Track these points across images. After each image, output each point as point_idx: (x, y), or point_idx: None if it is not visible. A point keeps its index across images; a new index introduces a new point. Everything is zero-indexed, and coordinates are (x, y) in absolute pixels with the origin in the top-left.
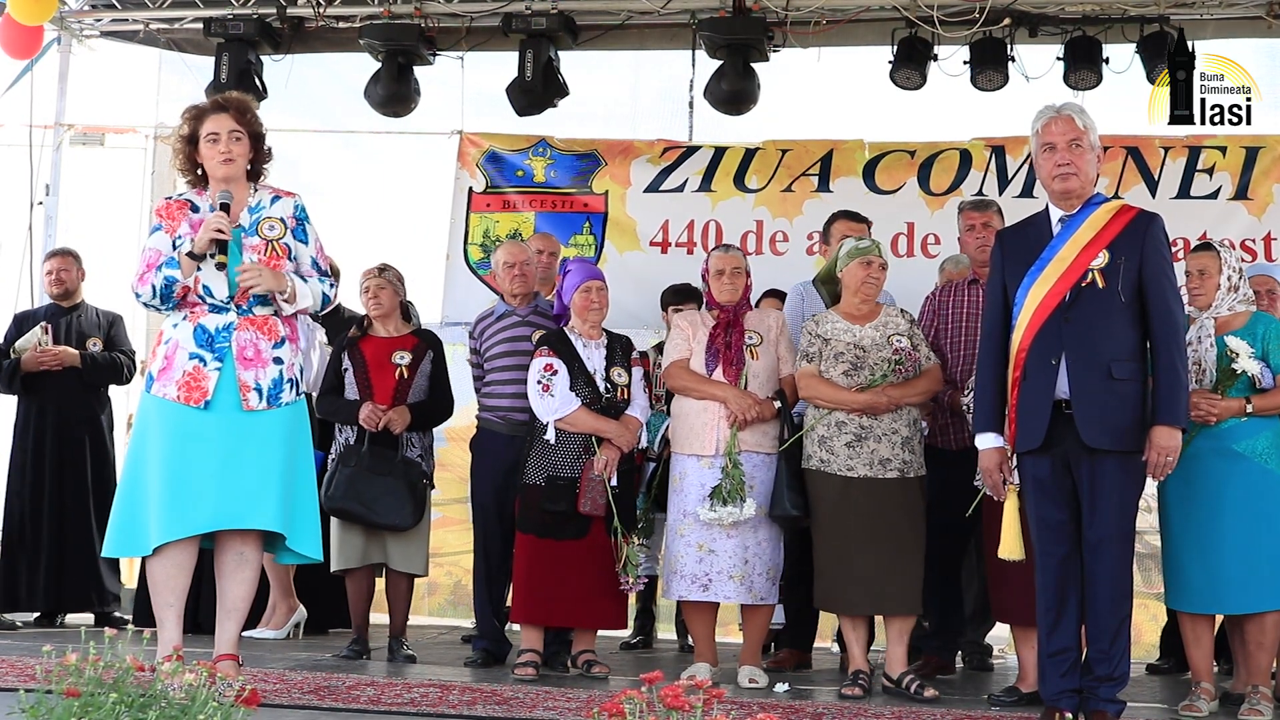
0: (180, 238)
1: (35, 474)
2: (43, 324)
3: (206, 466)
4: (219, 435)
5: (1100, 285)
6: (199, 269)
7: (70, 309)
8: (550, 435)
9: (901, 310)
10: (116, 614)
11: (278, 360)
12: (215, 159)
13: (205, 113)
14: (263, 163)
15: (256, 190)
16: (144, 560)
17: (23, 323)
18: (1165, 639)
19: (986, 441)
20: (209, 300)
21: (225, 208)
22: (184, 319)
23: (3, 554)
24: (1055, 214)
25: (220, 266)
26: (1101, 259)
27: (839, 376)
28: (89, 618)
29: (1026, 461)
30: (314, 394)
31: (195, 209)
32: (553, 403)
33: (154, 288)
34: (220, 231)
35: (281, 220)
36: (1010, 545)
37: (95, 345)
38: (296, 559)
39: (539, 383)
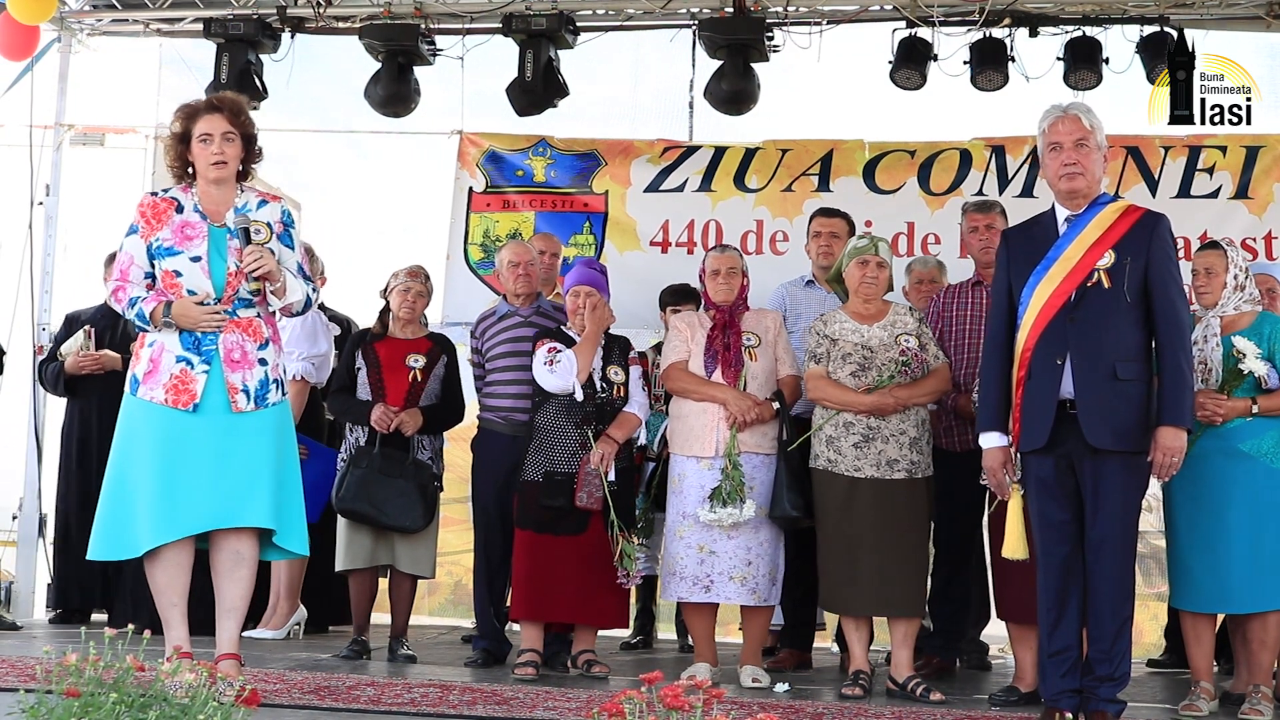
0: (157, 240)
1: (83, 476)
2: (86, 328)
3: (197, 469)
4: (208, 438)
5: (1106, 285)
6: (180, 274)
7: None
8: (578, 394)
9: (910, 308)
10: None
11: (263, 361)
12: (207, 160)
13: (198, 112)
14: (252, 163)
15: (243, 191)
16: (143, 564)
17: (72, 324)
18: (1165, 638)
19: (990, 441)
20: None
21: (245, 233)
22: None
23: (55, 555)
24: (1061, 214)
25: (254, 292)
26: (1107, 259)
27: (846, 377)
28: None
29: (1030, 461)
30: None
31: (180, 209)
32: (562, 369)
33: (124, 312)
34: (260, 263)
35: (268, 225)
36: (1014, 545)
37: None
38: (281, 555)
39: (545, 363)
